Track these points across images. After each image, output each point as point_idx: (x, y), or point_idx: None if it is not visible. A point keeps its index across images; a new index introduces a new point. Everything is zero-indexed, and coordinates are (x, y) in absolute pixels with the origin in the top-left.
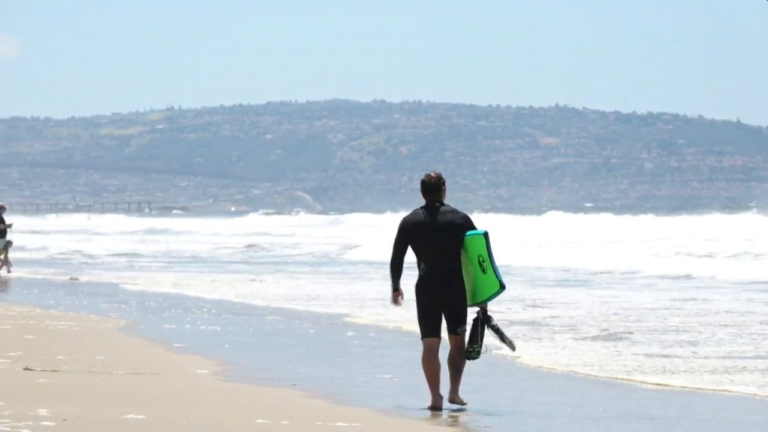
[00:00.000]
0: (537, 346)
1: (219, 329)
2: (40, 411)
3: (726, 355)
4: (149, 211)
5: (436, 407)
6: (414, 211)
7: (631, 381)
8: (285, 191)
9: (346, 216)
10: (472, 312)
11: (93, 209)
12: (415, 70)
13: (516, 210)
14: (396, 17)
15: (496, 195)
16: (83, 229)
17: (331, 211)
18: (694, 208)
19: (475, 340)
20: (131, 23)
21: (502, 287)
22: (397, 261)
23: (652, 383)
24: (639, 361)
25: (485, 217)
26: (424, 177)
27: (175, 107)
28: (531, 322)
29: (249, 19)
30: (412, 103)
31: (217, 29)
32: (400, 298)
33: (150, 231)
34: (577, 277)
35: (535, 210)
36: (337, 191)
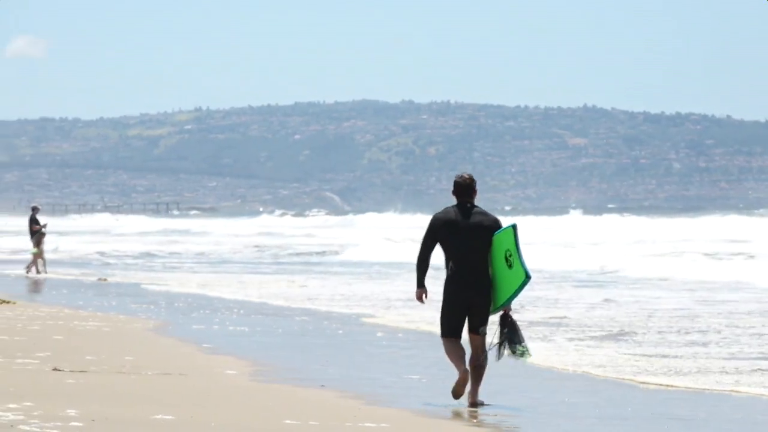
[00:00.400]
0: (546, 346)
1: (247, 330)
2: (68, 411)
3: (759, 356)
4: (178, 212)
5: (464, 381)
6: (445, 209)
7: (660, 385)
8: (313, 192)
9: (358, 216)
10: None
11: (122, 210)
12: (444, 71)
13: (541, 211)
14: (425, 18)
15: (524, 195)
16: (104, 230)
17: (350, 212)
18: (716, 209)
19: (517, 339)
20: (160, 24)
21: (527, 276)
22: (424, 257)
23: (681, 386)
24: (664, 363)
25: (507, 220)
26: (458, 178)
27: (204, 108)
28: (543, 323)
29: (277, 20)
30: (441, 104)
31: (246, 30)
32: (424, 296)
33: (163, 232)
34: (593, 279)
35: (558, 210)
36: (365, 192)
